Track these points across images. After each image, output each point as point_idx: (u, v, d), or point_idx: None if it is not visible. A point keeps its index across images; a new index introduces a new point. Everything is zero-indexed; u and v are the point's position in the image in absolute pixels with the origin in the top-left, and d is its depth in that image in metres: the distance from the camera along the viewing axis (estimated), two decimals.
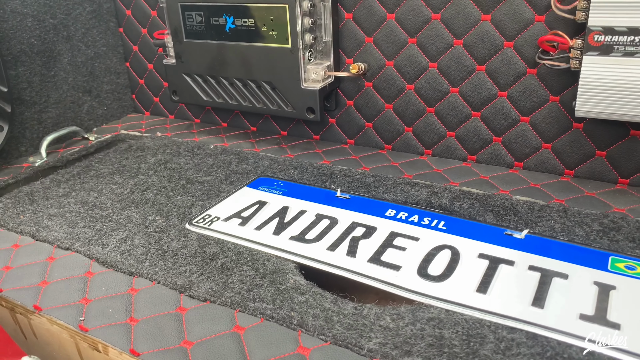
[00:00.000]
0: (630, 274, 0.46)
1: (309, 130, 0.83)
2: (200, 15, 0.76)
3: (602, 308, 0.42)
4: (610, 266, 0.47)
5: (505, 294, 0.45)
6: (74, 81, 0.87)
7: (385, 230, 0.55)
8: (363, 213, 0.59)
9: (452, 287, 0.46)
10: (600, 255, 0.49)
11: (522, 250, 0.51)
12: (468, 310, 0.43)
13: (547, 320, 0.41)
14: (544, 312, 0.42)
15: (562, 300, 0.44)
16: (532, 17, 0.61)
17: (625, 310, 0.42)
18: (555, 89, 0.63)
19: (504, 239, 0.53)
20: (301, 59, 0.71)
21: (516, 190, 0.63)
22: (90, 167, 0.76)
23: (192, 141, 0.83)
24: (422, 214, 0.58)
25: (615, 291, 0.44)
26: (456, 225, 0.56)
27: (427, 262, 0.50)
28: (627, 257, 0.49)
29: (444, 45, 0.67)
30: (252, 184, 0.67)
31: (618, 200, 0.60)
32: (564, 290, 0.45)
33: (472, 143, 0.70)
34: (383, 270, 0.49)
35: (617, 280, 0.46)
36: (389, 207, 0.60)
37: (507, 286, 0.46)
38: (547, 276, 0.47)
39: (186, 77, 0.82)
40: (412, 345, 0.40)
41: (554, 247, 0.51)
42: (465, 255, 0.50)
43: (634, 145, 0.61)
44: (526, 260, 0.49)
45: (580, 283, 0.46)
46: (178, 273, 0.50)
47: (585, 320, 0.41)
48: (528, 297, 0.44)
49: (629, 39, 0.53)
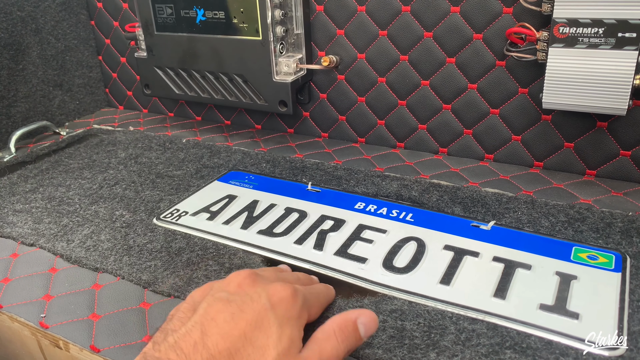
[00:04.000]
0: (592, 264, 0.47)
1: (283, 124, 0.82)
2: (170, 8, 0.75)
3: (562, 298, 0.43)
4: (573, 256, 0.48)
5: (468, 286, 0.45)
6: (44, 75, 0.86)
7: (353, 223, 0.55)
8: (333, 206, 0.59)
9: (416, 279, 0.46)
10: (564, 246, 0.49)
11: (487, 241, 0.51)
12: (430, 301, 0.43)
13: (508, 311, 0.42)
14: (505, 303, 0.43)
15: (523, 291, 0.44)
16: (500, 9, 0.61)
17: (585, 300, 0.42)
18: (523, 80, 0.63)
19: (470, 231, 0.53)
20: (272, 51, 0.70)
21: (485, 182, 0.63)
22: (59, 162, 0.75)
23: (164, 135, 0.82)
24: (391, 207, 0.58)
25: (576, 281, 0.45)
26: (424, 217, 0.56)
27: (393, 254, 0.50)
28: (589, 247, 0.49)
29: (414, 37, 0.67)
30: (222, 178, 0.66)
31: (585, 191, 0.60)
32: (526, 280, 0.45)
33: (443, 136, 0.70)
34: (349, 263, 0.49)
35: (578, 270, 0.46)
36: (359, 200, 0.60)
37: (471, 277, 0.46)
38: (510, 267, 0.47)
39: (158, 70, 0.81)
40: (374, 337, 0.40)
41: (519, 238, 0.51)
42: (431, 247, 0.50)
43: (601, 137, 0.61)
44: (491, 252, 0.49)
45: (542, 273, 0.46)
46: (143, 268, 0.50)
47: (544, 310, 0.42)
48: (490, 288, 0.44)
49: (593, 31, 0.53)
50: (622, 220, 0.53)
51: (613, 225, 0.53)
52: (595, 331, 0.39)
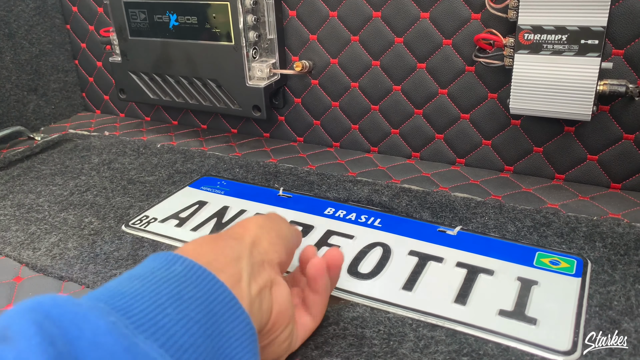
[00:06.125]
0: (554, 269, 0.47)
1: (259, 128, 0.82)
2: (143, 13, 0.75)
3: (521, 304, 0.43)
4: (536, 262, 0.48)
5: (430, 291, 0.45)
6: (18, 80, 0.85)
7: (322, 229, 0.55)
8: (302, 212, 0.59)
9: (379, 285, 0.46)
10: (527, 251, 0.50)
11: (452, 246, 0.51)
12: (392, 307, 0.44)
13: (467, 317, 0.42)
14: (465, 309, 0.43)
15: (484, 297, 0.44)
16: (468, 14, 0.61)
17: (544, 306, 0.43)
18: (492, 86, 0.63)
19: (436, 236, 0.53)
20: (245, 56, 0.70)
21: (455, 186, 0.64)
22: (32, 167, 0.74)
23: (139, 140, 0.82)
24: (360, 212, 0.58)
25: (537, 286, 0.45)
26: (392, 222, 0.56)
27: (358, 260, 0.50)
28: (552, 252, 0.50)
29: (385, 43, 0.67)
30: (194, 184, 0.66)
31: (553, 196, 0.61)
32: (488, 286, 0.46)
33: (415, 140, 0.70)
34: None
35: (540, 276, 0.46)
36: (329, 206, 0.60)
37: (433, 283, 0.46)
38: (473, 272, 0.47)
39: (132, 75, 0.80)
40: (333, 345, 0.40)
41: (484, 244, 0.51)
42: (397, 252, 0.51)
43: (568, 142, 0.62)
44: (455, 257, 0.50)
45: (504, 279, 0.46)
46: (108, 276, 0.50)
47: (503, 316, 0.42)
48: (452, 295, 0.45)
49: (557, 38, 0.54)
50: (586, 225, 0.54)
51: (577, 230, 0.53)
52: (551, 337, 0.40)
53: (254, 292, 0.33)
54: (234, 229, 0.39)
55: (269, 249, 0.37)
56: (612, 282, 0.45)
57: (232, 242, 0.36)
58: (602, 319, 0.41)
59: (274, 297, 0.35)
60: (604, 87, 0.55)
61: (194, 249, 0.34)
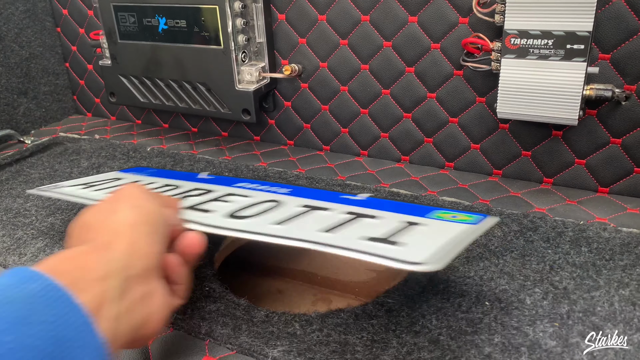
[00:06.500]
0: (447, 219, 0.45)
1: (249, 132, 0.82)
2: (133, 16, 0.75)
3: (396, 235, 0.40)
4: (433, 215, 0.46)
5: (303, 226, 0.43)
6: (8, 83, 0.85)
7: (222, 191, 0.53)
8: (212, 184, 0.57)
9: (255, 222, 0.44)
10: (426, 209, 0.48)
11: (348, 204, 0.49)
12: (257, 236, 0.40)
13: (332, 240, 0.39)
14: (332, 235, 0.40)
15: (358, 230, 0.42)
16: (456, 19, 0.61)
17: (418, 236, 0.40)
18: (480, 90, 0.63)
19: (339, 199, 0.51)
20: (234, 60, 0.70)
21: (444, 190, 0.64)
22: (21, 172, 0.74)
23: (129, 143, 0.82)
24: (274, 185, 0.56)
25: (422, 226, 0.43)
26: (301, 190, 0.54)
27: (245, 209, 0.47)
28: (458, 210, 0.48)
29: (374, 47, 0.67)
30: (125, 170, 0.66)
31: (540, 200, 0.61)
32: (367, 224, 0.43)
33: (404, 144, 0.70)
34: (195, 214, 0.46)
35: (430, 222, 0.44)
36: (247, 181, 0.58)
37: (308, 222, 0.44)
38: (358, 216, 0.45)
39: (122, 78, 0.80)
40: (316, 352, 0.40)
41: (386, 204, 0.50)
42: (288, 206, 0.48)
43: (556, 146, 0.62)
44: (345, 209, 0.47)
45: (389, 222, 0.43)
46: None
47: (371, 241, 0.39)
48: (324, 226, 0.42)
49: (543, 42, 0.54)
50: (573, 229, 0.54)
51: (564, 234, 0.53)
52: (409, 252, 0.36)
53: (123, 309, 0.31)
54: (101, 233, 0.35)
55: (147, 251, 0.34)
56: (596, 288, 0.45)
57: (101, 256, 0.32)
58: (586, 324, 0.41)
59: (149, 309, 0.33)
60: (591, 91, 0.55)
61: (56, 265, 0.31)
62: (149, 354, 0.42)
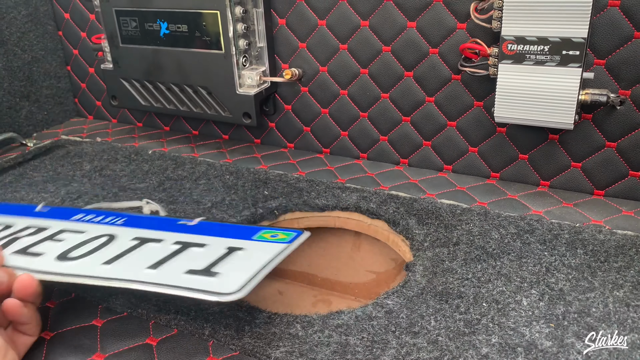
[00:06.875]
0: (267, 239, 0.47)
1: (249, 135, 0.83)
2: (134, 21, 0.76)
3: (213, 264, 0.43)
4: (257, 236, 0.48)
5: (129, 264, 0.45)
6: (10, 86, 0.85)
7: (56, 228, 0.53)
8: (51, 219, 0.56)
9: (82, 264, 0.45)
10: (254, 230, 0.50)
11: (184, 232, 0.51)
12: (86, 279, 0.43)
13: (154, 278, 0.42)
14: (155, 272, 0.43)
15: (180, 263, 0.44)
16: (454, 24, 0.62)
17: (234, 264, 0.43)
18: (478, 94, 0.64)
19: (175, 227, 0.52)
20: (235, 64, 0.71)
21: (442, 193, 0.65)
22: (24, 174, 0.75)
23: (131, 146, 0.83)
24: (109, 215, 0.56)
25: (241, 251, 0.45)
26: (136, 220, 0.55)
27: (75, 247, 0.48)
28: (278, 228, 0.50)
29: (373, 51, 0.68)
30: None
31: (537, 203, 0.62)
32: (192, 255, 0.45)
33: (403, 147, 0.71)
34: (24, 259, 0.47)
35: (250, 245, 0.46)
36: (82, 212, 0.57)
37: (136, 257, 0.46)
38: (185, 246, 0.47)
39: (124, 81, 0.81)
40: (317, 352, 0.41)
41: (219, 229, 0.51)
42: (121, 239, 0.49)
43: (553, 149, 0.63)
44: (176, 238, 0.49)
45: (213, 249, 0.46)
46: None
47: (190, 274, 0.42)
48: (148, 263, 0.44)
49: (539, 48, 0.55)
50: (569, 231, 0.55)
51: (560, 236, 0.54)
52: (223, 283, 0.40)
53: None
54: None
55: None
56: (591, 289, 0.46)
57: None
58: (581, 325, 0.42)
59: None
60: (586, 96, 0.56)
61: None
62: (154, 355, 0.43)
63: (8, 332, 0.43)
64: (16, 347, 0.42)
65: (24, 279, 0.42)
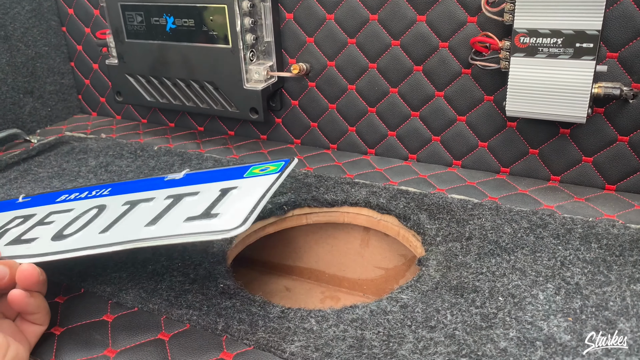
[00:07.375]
0: (258, 174, 0.48)
1: (255, 130, 0.82)
2: (140, 15, 0.75)
3: (211, 207, 0.43)
4: (247, 173, 0.49)
5: (124, 227, 0.45)
6: (14, 82, 0.85)
7: (43, 212, 0.53)
8: (31, 207, 0.56)
9: (79, 237, 0.45)
10: (244, 169, 0.50)
11: (173, 186, 0.51)
12: (85, 251, 0.43)
13: (154, 233, 0.42)
14: (154, 228, 0.43)
15: (176, 214, 0.44)
16: (464, 18, 0.62)
17: (231, 203, 0.43)
18: (489, 88, 0.64)
19: (162, 184, 0.53)
20: (242, 59, 0.70)
21: (452, 188, 0.64)
22: (29, 170, 0.74)
23: (136, 142, 0.82)
24: (93, 189, 0.56)
25: (236, 190, 0.46)
26: (122, 187, 0.55)
27: (68, 225, 0.48)
28: (268, 162, 0.50)
29: (382, 46, 0.67)
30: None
31: (548, 197, 0.61)
32: (187, 205, 0.46)
33: (412, 142, 0.71)
34: (19, 248, 0.47)
35: (242, 183, 0.47)
36: (65, 193, 0.57)
37: (131, 220, 0.46)
38: (179, 198, 0.47)
39: (129, 77, 0.80)
40: (333, 347, 0.41)
41: (207, 176, 0.51)
42: (111, 208, 0.49)
43: (564, 143, 0.63)
44: (167, 193, 0.49)
45: (207, 195, 0.46)
46: (107, 280, 0.50)
47: (189, 221, 0.42)
48: (145, 221, 0.44)
49: (552, 41, 0.54)
50: (582, 226, 0.54)
51: (573, 231, 0.54)
52: (226, 221, 0.41)
53: None
54: None
55: None
56: (608, 283, 0.46)
57: None
58: (599, 319, 0.42)
59: None
60: (599, 89, 0.55)
61: None
62: (167, 350, 0.42)
63: (17, 322, 0.43)
64: (26, 338, 0.42)
65: (25, 269, 0.41)
